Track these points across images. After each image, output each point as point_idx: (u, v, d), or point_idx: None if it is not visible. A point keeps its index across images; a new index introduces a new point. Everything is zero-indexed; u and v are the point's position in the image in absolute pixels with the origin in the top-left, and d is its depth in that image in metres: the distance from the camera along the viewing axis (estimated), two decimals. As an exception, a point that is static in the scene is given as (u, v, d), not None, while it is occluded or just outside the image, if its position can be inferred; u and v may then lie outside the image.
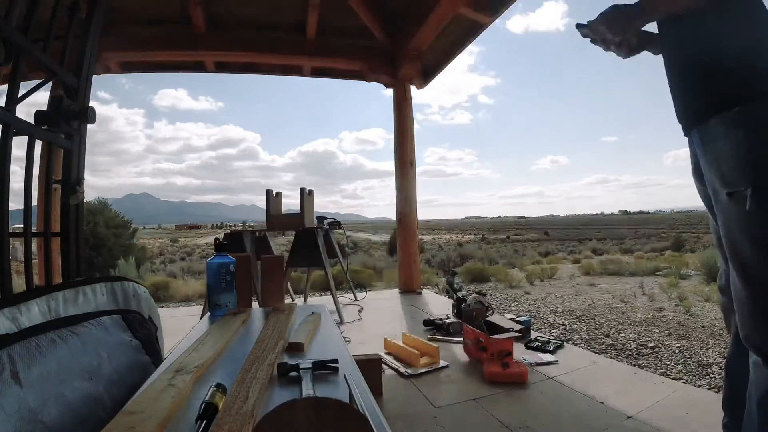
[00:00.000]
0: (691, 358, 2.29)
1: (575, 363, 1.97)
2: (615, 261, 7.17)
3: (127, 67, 3.97)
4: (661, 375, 2.00)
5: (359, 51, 4.02)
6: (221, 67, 4.23)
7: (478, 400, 1.59)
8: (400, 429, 1.39)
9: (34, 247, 3.14)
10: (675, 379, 1.97)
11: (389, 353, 2.11)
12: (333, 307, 2.94)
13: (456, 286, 3.21)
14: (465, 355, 2.11)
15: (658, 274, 5.80)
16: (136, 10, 3.48)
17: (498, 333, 2.01)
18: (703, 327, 2.93)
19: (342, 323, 2.85)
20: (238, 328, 1.07)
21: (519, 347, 2.16)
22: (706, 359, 2.26)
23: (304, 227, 3.02)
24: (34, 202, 1.59)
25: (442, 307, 3.28)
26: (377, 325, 2.82)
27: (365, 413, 0.53)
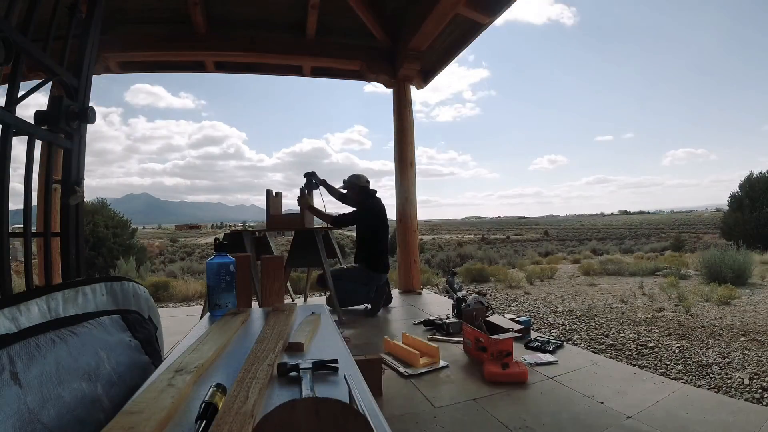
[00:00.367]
0: (691, 358, 2.29)
1: (575, 363, 1.97)
2: (615, 261, 7.17)
3: (127, 67, 3.97)
4: (660, 375, 2.00)
5: (359, 51, 4.02)
6: (221, 67, 4.23)
7: (478, 400, 1.59)
8: (400, 429, 1.39)
9: (34, 247, 3.14)
10: (675, 379, 1.97)
11: (389, 353, 2.11)
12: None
13: (456, 286, 3.21)
14: (465, 355, 2.11)
15: (658, 274, 5.81)
16: (136, 10, 3.48)
17: (498, 333, 2.01)
18: (703, 327, 2.93)
19: (342, 323, 2.85)
20: (238, 328, 1.07)
21: (519, 347, 2.17)
22: (705, 359, 2.26)
23: (304, 227, 3.03)
24: (34, 202, 1.59)
25: (442, 307, 3.28)
26: (377, 325, 2.82)
27: (365, 413, 0.53)
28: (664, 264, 6.56)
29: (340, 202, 3.53)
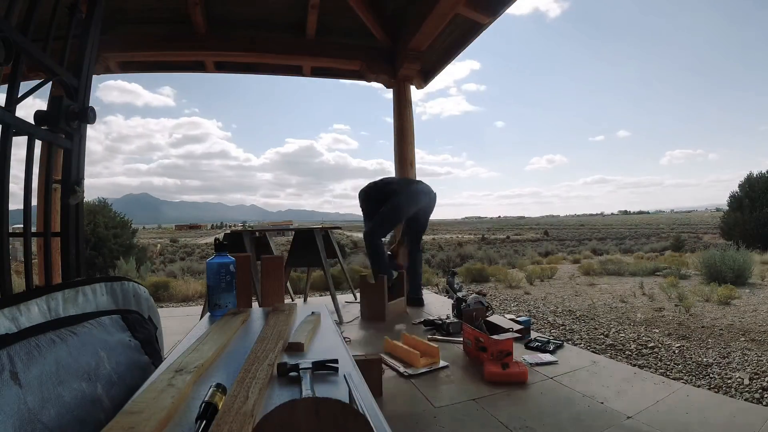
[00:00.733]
0: (691, 358, 2.29)
1: (575, 363, 1.97)
2: (615, 261, 7.17)
3: (127, 67, 3.97)
4: (661, 375, 2.00)
5: (359, 51, 4.02)
6: (221, 67, 4.23)
7: (478, 400, 1.59)
8: (400, 429, 1.39)
9: (34, 247, 3.14)
10: (675, 379, 1.97)
11: (389, 353, 2.11)
12: (333, 307, 2.94)
13: (456, 286, 3.21)
14: (465, 355, 2.11)
15: (658, 274, 5.80)
16: (136, 10, 3.48)
17: (498, 333, 2.01)
18: (703, 327, 2.93)
19: (342, 323, 2.84)
20: (238, 328, 1.07)
21: (519, 347, 2.16)
22: (705, 359, 2.26)
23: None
24: (34, 202, 1.59)
25: (442, 307, 3.28)
26: (377, 325, 2.82)
27: (365, 413, 0.53)
28: (664, 264, 6.56)
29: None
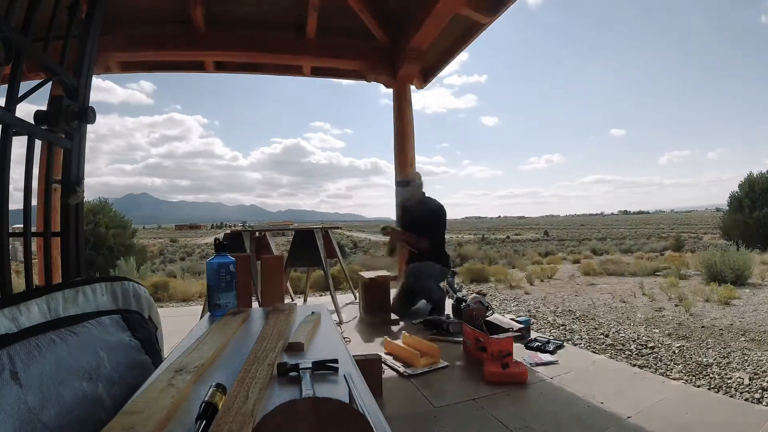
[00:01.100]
0: (691, 358, 2.29)
1: (575, 363, 1.97)
2: (615, 261, 7.17)
3: (127, 67, 3.97)
4: (660, 375, 2.00)
5: (359, 51, 4.02)
6: (221, 67, 4.23)
7: (478, 400, 1.59)
8: (400, 429, 1.39)
9: (34, 247, 3.14)
10: (675, 379, 1.97)
11: (389, 353, 2.11)
12: (333, 307, 2.94)
13: (456, 286, 3.21)
14: (465, 355, 2.11)
15: (658, 274, 5.81)
16: (136, 10, 3.48)
17: (498, 333, 2.01)
18: (702, 327, 2.93)
19: (342, 323, 2.84)
20: (238, 328, 1.07)
21: (519, 347, 2.16)
22: (705, 359, 2.26)
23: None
24: (34, 202, 1.59)
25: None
26: (377, 325, 2.82)
27: (365, 413, 0.53)
28: (664, 264, 6.57)
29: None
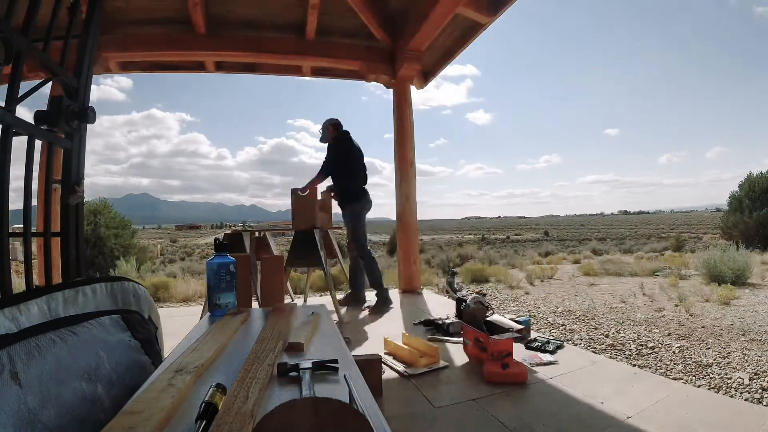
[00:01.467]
0: (691, 358, 2.29)
1: (575, 363, 1.97)
2: (615, 261, 7.17)
3: (127, 67, 3.98)
4: (660, 375, 2.00)
5: (359, 51, 4.02)
6: (221, 67, 4.23)
7: (478, 400, 1.59)
8: (400, 429, 1.39)
9: (34, 247, 3.14)
10: (675, 379, 1.97)
11: (389, 353, 2.11)
12: (332, 307, 2.94)
13: (456, 286, 3.21)
14: (465, 355, 2.11)
15: (658, 274, 5.80)
16: (136, 10, 3.48)
17: (498, 333, 2.01)
18: (703, 327, 2.93)
19: (342, 323, 2.85)
20: (238, 328, 1.07)
21: (519, 347, 2.16)
22: (705, 359, 2.26)
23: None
24: (34, 202, 1.59)
25: (442, 307, 3.28)
26: (377, 325, 2.82)
27: (365, 413, 0.53)
28: (664, 264, 6.57)
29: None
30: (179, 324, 2.80)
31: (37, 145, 1.39)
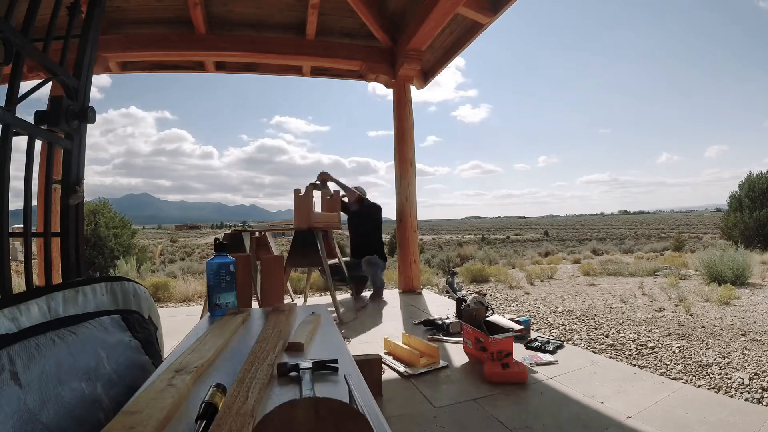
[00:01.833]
0: (691, 358, 2.29)
1: (575, 363, 1.97)
2: (615, 261, 7.17)
3: (127, 67, 3.98)
4: (660, 375, 2.00)
5: (359, 51, 4.02)
6: (221, 67, 4.23)
7: (478, 400, 1.59)
8: (400, 429, 1.39)
9: (34, 247, 3.14)
10: (675, 379, 1.97)
11: (389, 353, 2.11)
12: (333, 307, 2.94)
13: (456, 286, 3.21)
14: (465, 355, 2.11)
15: (658, 274, 5.80)
16: (136, 10, 3.48)
17: (498, 333, 2.01)
18: (703, 327, 2.93)
19: (341, 323, 2.85)
20: (238, 328, 1.08)
21: (519, 347, 2.17)
22: (705, 359, 2.26)
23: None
24: (34, 202, 1.59)
25: (442, 307, 3.28)
26: (377, 325, 2.82)
27: (365, 413, 0.53)
28: (664, 264, 6.57)
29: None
30: (179, 324, 2.80)
31: (37, 145, 1.39)
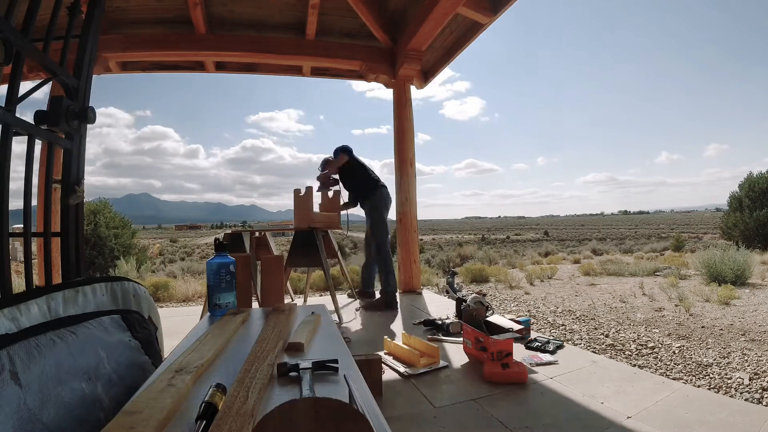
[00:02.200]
0: (691, 358, 2.29)
1: (575, 363, 1.97)
2: (615, 261, 7.17)
3: (127, 67, 3.98)
4: (660, 375, 2.00)
5: (359, 51, 4.02)
6: (221, 67, 4.24)
7: (478, 400, 1.59)
8: (400, 429, 1.39)
9: (34, 247, 3.14)
10: (675, 379, 1.97)
11: (389, 353, 2.11)
12: (333, 307, 2.94)
13: (456, 286, 3.21)
14: (465, 355, 2.11)
15: (658, 274, 5.80)
16: (136, 10, 3.48)
17: (498, 333, 2.01)
18: (702, 327, 2.93)
19: (341, 323, 2.85)
20: (238, 328, 1.08)
21: (519, 347, 2.17)
22: (705, 359, 2.26)
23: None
24: (34, 202, 1.59)
25: (442, 307, 3.28)
26: (377, 325, 2.82)
27: (365, 413, 0.53)
28: (664, 264, 6.57)
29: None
30: (179, 324, 2.80)
31: (37, 145, 1.39)
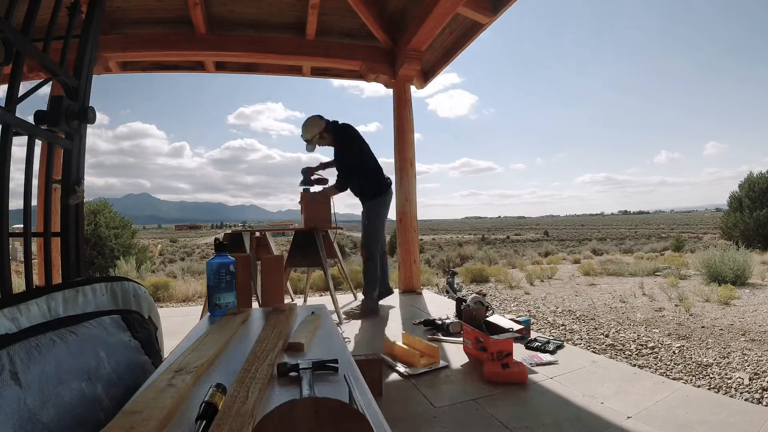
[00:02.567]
0: (691, 358, 2.29)
1: (575, 363, 1.97)
2: (615, 261, 7.17)
3: (127, 67, 3.98)
4: (660, 375, 2.00)
5: (359, 51, 4.02)
6: (221, 67, 4.23)
7: (478, 400, 1.59)
8: (400, 429, 1.39)
9: (34, 247, 3.14)
10: (675, 379, 1.97)
11: (389, 353, 2.11)
12: (333, 307, 2.94)
13: (456, 286, 3.21)
14: (465, 355, 2.11)
15: (658, 274, 5.80)
16: (136, 10, 3.48)
17: (498, 333, 2.01)
18: (702, 327, 2.93)
19: (342, 323, 2.85)
20: (238, 328, 1.08)
21: (519, 347, 2.17)
22: (705, 359, 2.26)
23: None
24: (34, 202, 1.59)
25: (442, 307, 3.28)
26: (377, 325, 2.82)
27: (365, 413, 0.53)
28: (664, 264, 6.57)
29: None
30: (179, 324, 2.80)
31: (37, 145, 1.39)
